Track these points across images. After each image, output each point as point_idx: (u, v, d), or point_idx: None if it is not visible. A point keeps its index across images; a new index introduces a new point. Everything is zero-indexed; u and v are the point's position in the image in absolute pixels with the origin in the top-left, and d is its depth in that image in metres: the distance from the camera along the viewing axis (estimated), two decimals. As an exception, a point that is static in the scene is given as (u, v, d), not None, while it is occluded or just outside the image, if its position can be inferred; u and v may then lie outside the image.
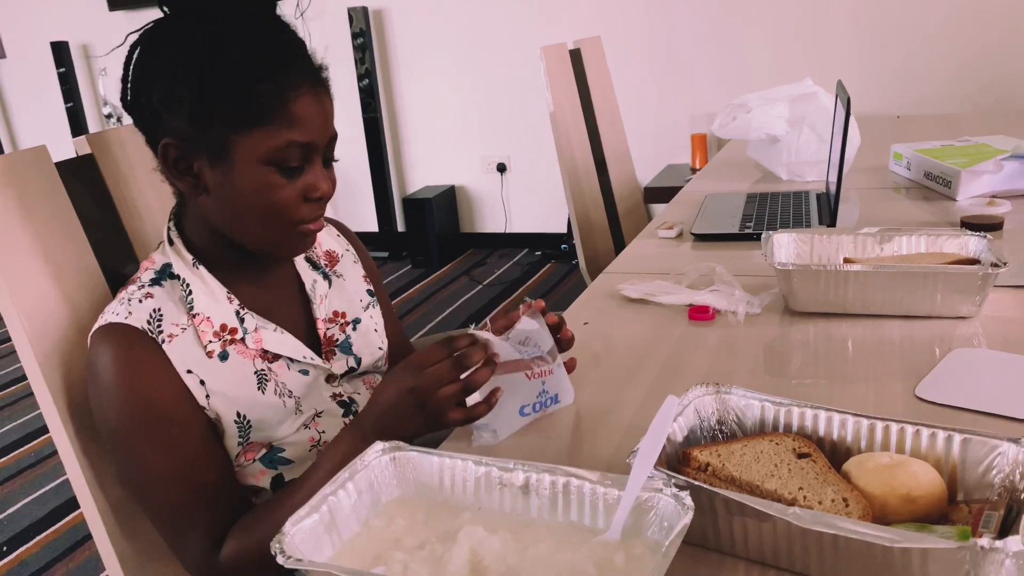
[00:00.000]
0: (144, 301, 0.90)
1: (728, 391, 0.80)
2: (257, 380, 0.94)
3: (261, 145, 0.85)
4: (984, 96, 3.28)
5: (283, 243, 0.93)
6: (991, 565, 0.57)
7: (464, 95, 4.09)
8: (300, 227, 0.91)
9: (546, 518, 0.69)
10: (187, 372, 0.90)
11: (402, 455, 0.73)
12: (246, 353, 0.94)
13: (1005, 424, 0.83)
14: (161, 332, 0.89)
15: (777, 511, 0.61)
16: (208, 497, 0.90)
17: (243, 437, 0.94)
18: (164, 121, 0.86)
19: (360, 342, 1.06)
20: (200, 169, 0.88)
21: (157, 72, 0.86)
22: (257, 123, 0.84)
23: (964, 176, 1.61)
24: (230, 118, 0.84)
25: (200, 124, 0.85)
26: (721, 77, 3.62)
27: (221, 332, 0.93)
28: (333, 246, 1.11)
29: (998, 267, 1.04)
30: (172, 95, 0.85)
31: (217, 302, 0.93)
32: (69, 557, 2.09)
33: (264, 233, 0.91)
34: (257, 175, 0.86)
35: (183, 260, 0.94)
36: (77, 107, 4.57)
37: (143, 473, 0.89)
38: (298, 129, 0.86)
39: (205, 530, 0.89)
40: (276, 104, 0.84)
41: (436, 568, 0.63)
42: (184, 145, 0.87)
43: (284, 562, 0.59)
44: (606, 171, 2.41)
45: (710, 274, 1.24)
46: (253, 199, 0.87)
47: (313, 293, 1.03)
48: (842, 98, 1.52)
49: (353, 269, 1.12)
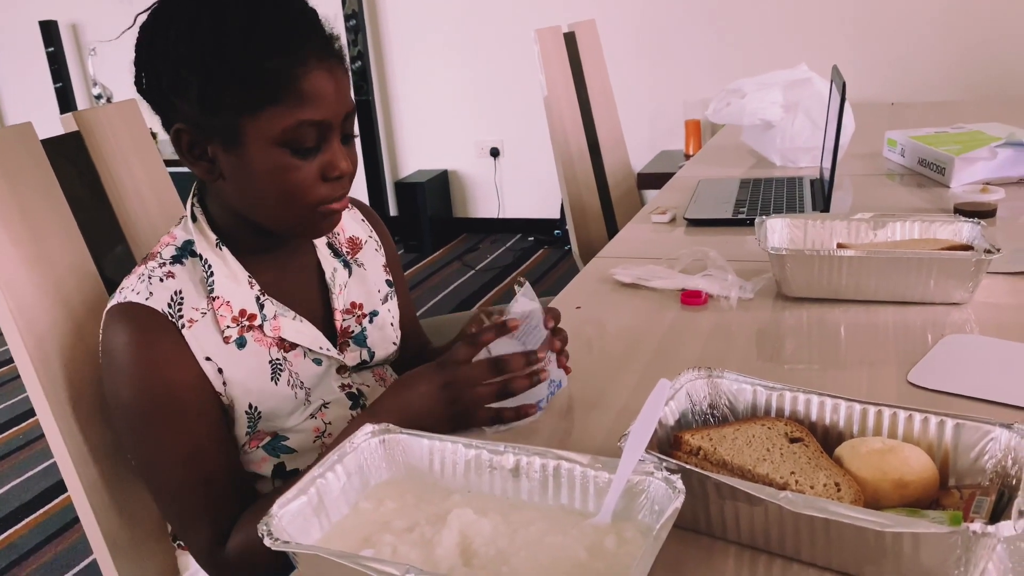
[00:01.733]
0: (165, 281, 0.88)
1: (720, 375, 0.79)
2: (271, 370, 0.92)
3: (272, 126, 0.82)
4: (978, 84, 3.27)
5: (305, 225, 0.90)
6: (982, 550, 0.57)
7: (457, 79, 4.06)
8: (321, 208, 0.87)
9: (536, 501, 0.69)
10: (206, 359, 0.88)
11: (392, 437, 0.72)
12: (263, 341, 0.92)
13: (997, 410, 0.83)
14: (182, 317, 0.87)
15: (769, 495, 0.61)
16: (217, 487, 0.89)
17: (251, 427, 0.92)
18: (175, 106, 0.84)
19: (375, 336, 1.04)
20: (214, 154, 0.85)
21: (164, 56, 0.83)
22: (266, 103, 0.81)
23: (958, 163, 1.61)
24: (238, 100, 0.81)
25: (209, 108, 0.82)
26: (716, 63, 3.60)
27: (240, 318, 0.91)
28: (357, 232, 1.08)
29: (991, 253, 1.04)
30: (179, 79, 0.82)
31: (239, 285, 0.91)
32: (58, 539, 2.08)
33: (284, 215, 0.88)
34: (271, 157, 0.83)
35: (206, 239, 0.91)
36: (66, 87, 4.52)
37: (155, 459, 0.87)
38: (310, 107, 0.82)
39: (212, 520, 0.88)
40: (284, 82, 0.81)
41: (425, 551, 0.62)
42: (196, 130, 0.84)
43: (271, 544, 0.58)
44: (600, 156, 2.40)
45: (703, 259, 1.24)
46: (269, 182, 0.85)
47: (332, 283, 1.01)
48: (837, 83, 1.51)
49: (374, 258, 1.09)
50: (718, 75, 3.53)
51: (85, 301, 1.00)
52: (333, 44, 0.86)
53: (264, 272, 0.94)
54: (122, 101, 1.14)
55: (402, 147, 4.33)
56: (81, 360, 0.98)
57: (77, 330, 0.98)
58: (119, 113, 1.13)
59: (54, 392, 0.95)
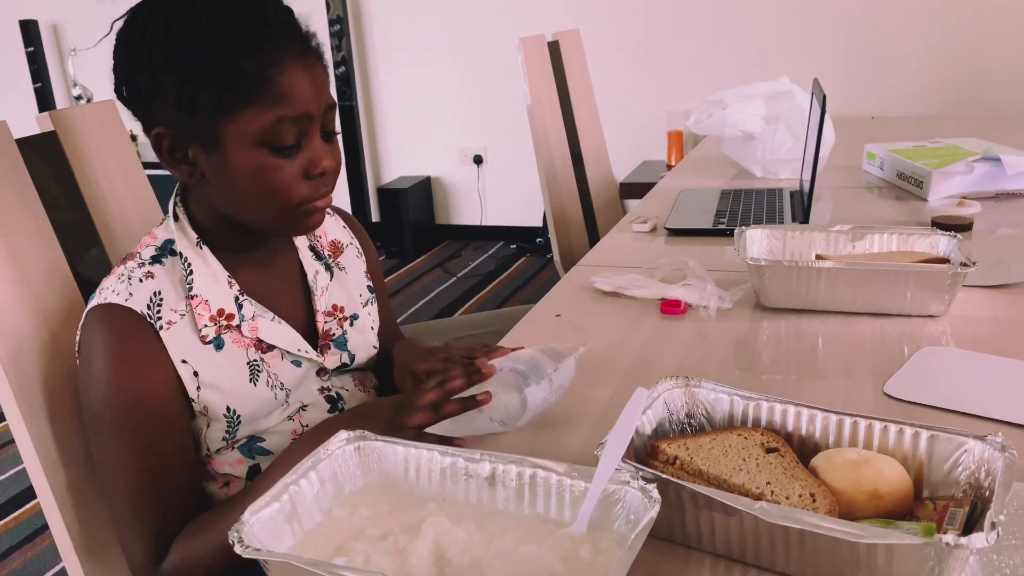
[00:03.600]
0: (144, 281, 0.87)
1: (698, 385, 0.79)
2: (250, 371, 0.91)
3: (250, 126, 0.81)
4: (956, 99, 3.31)
5: (289, 223, 0.90)
6: (955, 561, 0.57)
7: (442, 85, 4.06)
8: (305, 206, 0.87)
9: (512, 510, 0.68)
10: (182, 362, 0.87)
11: (367, 444, 0.72)
12: (240, 342, 0.91)
13: (971, 422, 0.84)
14: (160, 319, 0.86)
15: (744, 505, 0.61)
16: (166, 504, 0.87)
17: (231, 432, 0.91)
18: (154, 111, 0.84)
19: (356, 339, 1.04)
20: (195, 156, 0.85)
21: (140, 61, 0.82)
22: (243, 104, 0.81)
23: (935, 177, 1.62)
24: (214, 102, 0.81)
25: (187, 111, 0.82)
26: (698, 74, 3.63)
27: (217, 317, 0.90)
28: (339, 236, 1.08)
29: (967, 266, 1.05)
30: (156, 84, 0.82)
31: (218, 285, 0.90)
32: (27, 546, 2.05)
33: (268, 215, 0.88)
34: (251, 158, 0.83)
35: (187, 238, 0.90)
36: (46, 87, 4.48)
37: (111, 464, 0.86)
38: (287, 104, 0.82)
39: (155, 535, 0.86)
40: (259, 81, 0.81)
41: (399, 559, 0.62)
42: (176, 133, 0.84)
43: (242, 552, 0.57)
44: (582, 166, 2.40)
45: (683, 268, 1.24)
46: (250, 183, 0.84)
47: (315, 285, 1.00)
48: (818, 96, 1.52)
49: (356, 263, 1.09)
50: (700, 86, 3.55)
51: (59, 304, 0.99)
52: (309, 41, 0.86)
53: (245, 273, 0.93)
54: (100, 102, 1.13)
55: (385, 153, 4.31)
56: (53, 364, 0.97)
57: (50, 333, 0.97)
58: (96, 113, 1.11)
59: (24, 396, 0.93)
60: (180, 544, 0.86)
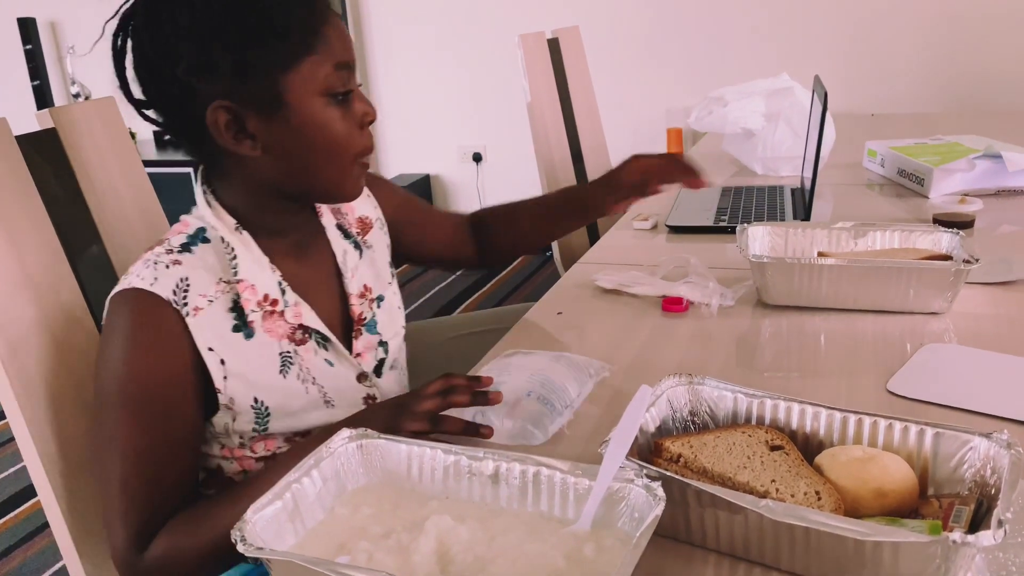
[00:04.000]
0: (171, 268, 0.86)
1: (701, 382, 0.79)
2: (280, 362, 0.90)
3: (314, 75, 0.82)
4: (957, 96, 3.31)
5: (346, 182, 0.90)
6: (962, 559, 0.57)
7: (441, 83, 4.05)
8: (361, 159, 0.89)
9: (515, 508, 0.68)
10: (208, 350, 0.86)
11: (369, 442, 0.72)
12: (273, 332, 0.90)
13: (976, 419, 0.83)
14: (187, 304, 0.85)
15: (749, 503, 0.60)
16: (160, 490, 0.85)
17: (260, 423, 0.90)
18: (199, 92, 0.81)
19: (384, 320, 1.03)
20: (255, 127, 0.83)
21: (176, 41, 0.80)
22: (302, 54, 0.82)
23: (937, 174, 1.62)
24: (273, 58, 0.81)
25: (242, 76, 0.80)
26: (698, 71, 3.62)
27: (263, 302, 0.89)
28: (366, 211, 1.07)
29: (970, 263, 1.05)
30: (203, 58, 0.80)
31: (261, 269, 0.89)
32: (28, 544, 2.04)
33: (329, 171, 0.88)
34: (316, 109, 0.84)
35: (225, 224, 0.89)
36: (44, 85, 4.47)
37: (110, 445, 0.84)
38: (338, 49, 0.84)
39: (140, 523, 0.83)
40: (313, 28, 0.82)
41: (402, 557, 0.61)
42: (233, 106, 0.82)
43: (244, 550, 0.57)
44: (582, 163, 2.40)
45: (684, 266, 1.24)
46: (317, 137, 0.85)
47: (344, 266, 0.99)
48: (819, 93, 1.52)
49: (381, 238, 1.08)
50: (700, 83, 3.54)
51: (59, 301, 0.99)
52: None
53: (281, 259, 0.92)
54: (100, 98, 1.12)
55: (384, 151, 4.31)
56: (53, 361, 0.96)
57: (50, 330, 0.97)
58: (96, 110, 1.11)
59: (25, 394, 0.93)
60: (165, 536, 0.83)
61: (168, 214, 1.19)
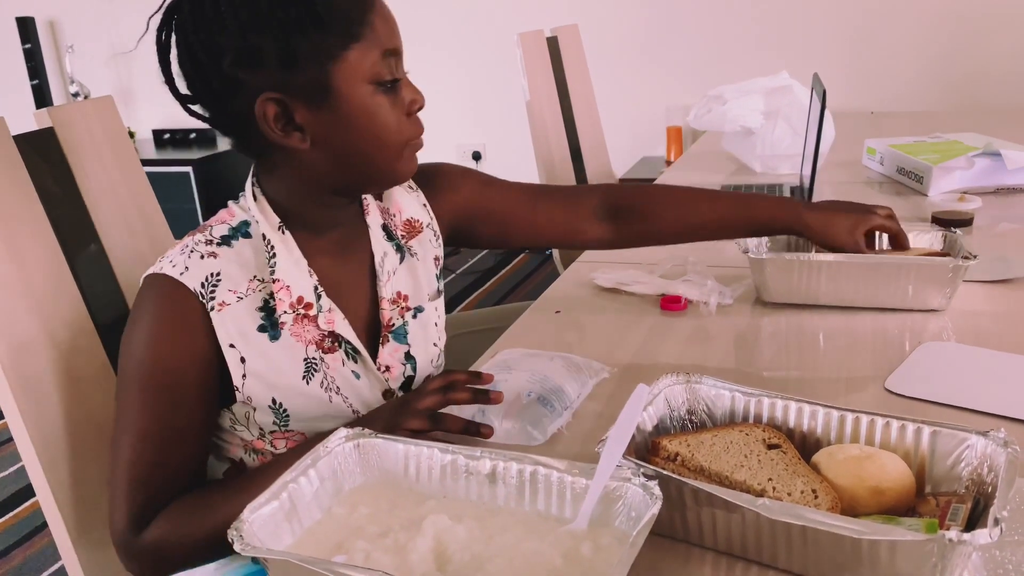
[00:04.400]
0: (206, 259, 0.85)
1: (699, 381, 0.79)
2: (305, 368, 0.89)
3: (361, 64, 0.81)
4: (956, 94, 3.31)
5: (397, 167, 0.89)
6: (958, 558, 0.57)
7: (440, 81, 4.04)
8: (411, 143, 0.88)
9: (512, 507, 0.68)
10: (230, 346, 0.85)
11: (367, 442, 0.72)
12: (302, 337, 0.89)
13: (973, 417, 0.83)
14: (213, 299, 0.84)
15: (746, 502, 0.60)
16: (166, 474, 0.85)
17: (280, 421, 0.89)
18: (246, 83, 0.80)
19: (417, 333, 0.98)
20: (303, 118, 0.83)
21: (221, 33, 0.79)
22: (349, 42, 0.81)
23: (936, 172, 1.62)
24: (320, 47, 0.80)
25: (290, 66, 0.80)
26: (698, 69, 3.62)
27: (296, 304, 0.88)
28: (417, 215, 1.03)
29: (968, 259, 1.05)
30: (250, 48, 0.79)
31: (299, 272, 0.89)
32: (27, 543, 2.05)
33: (379, 160, 0.87)
34: (364, 98, 0.83)
35: (269, 221, 0.88)
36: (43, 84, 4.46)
37: (123, 422, 0.85)
38: (385, 36, 0.83)
39: (141, 504, 0.84)
40: (360, 16, 0.81)
41: (399, 557, 0.61)
42: (281, 97, 0.81)
43: (241, 549, 0.57)
44: (582, 161, 2.40)
45: (683, 264, 1.24)
46: (366, 125, 0.84)
47: (381, 268, 0.96)
48: (818, 91, 1.52)
49: (429, 249, 1.03)
50: (700, 81, 3.54)
51: (57, 301, 0.98)
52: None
53: (320, 259, 0.91)
54: (98, 98, 1.12)
55: (384, 149, 4.30)
56: (52, 360, 0.96)
57: (48, 330, 0.97)
58: (95, 110, 1.11)
59: (22, 393, 0.93)
60: (163, 519, 0.83)
61: (166, 213, 1.19)
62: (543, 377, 0.91)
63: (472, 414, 0.87)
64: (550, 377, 0.92)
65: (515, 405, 0.87)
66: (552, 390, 0.90)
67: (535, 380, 0.91)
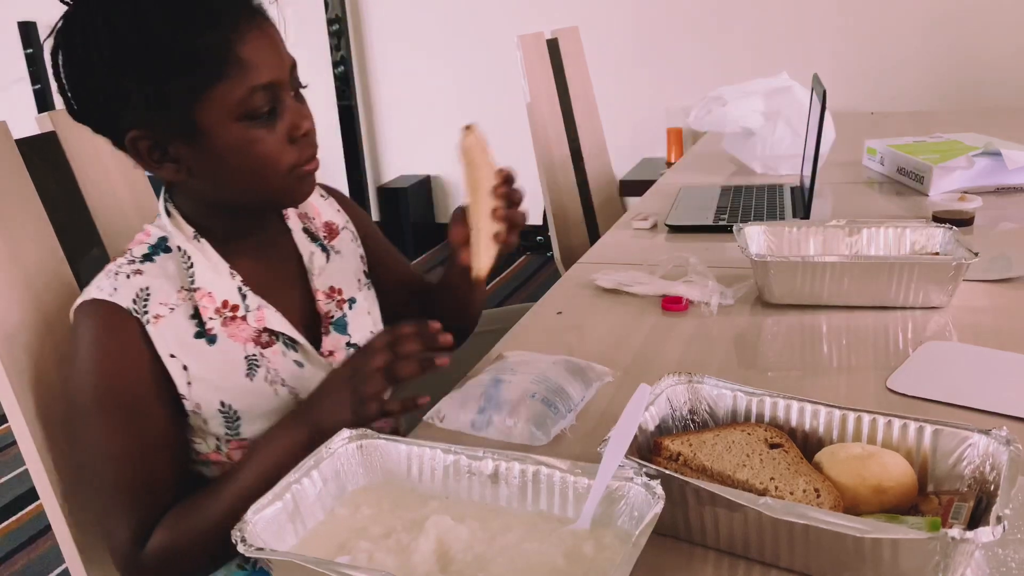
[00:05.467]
0: (132, 278, 0.87)
1: (700, 380, 0.79)
2: (247, 366, 0.90)
3: (225, 102, 0.80)
4: (956, 94, 3.31)
5: (284, 194, 0.89)
6: (961, 556, 0.57)
7: (441, 84, 4.05)
8: (296, 171, 0.86)
9: (515, 507, 0.68)
10: (170, 356, 0.86)
11: (369, 443, 0.72)
12: (237, 336, 0.90)
13: (975, 416, 0.83)
14: (147, 312, 0.86)
15: (748, 501, 0.61)
16: (152, 489, 0.86)
17: (231, 428, 0.90)
18: (120, 116, 0.82)
19: (355, 322, 1.02)
20: (176, 152, 0.83)
21: (90, 69, 0.80)
22: (212, 81, 0.79)
23: (936, 172, 1.62)
24: (184, 88, 0.79)
25: (157, 106, 0.80)
26: (698, 71, 3.62)
27: (223, 308, 0.89)
28: (333, 218, 1.07)
29: (970, 257, 1.05)
30: (116, 87, 0.80)
31: (219, 276, 0.90)
32: (30, 547, 2.05)
33: (262, 191, 0.87)
34: (233, 135, 0.81)
35: (183, 232, 0.90)
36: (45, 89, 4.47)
37: (95, 451, 0.86)
38: (255, 71, 0.80)
39: (137, 521, 0.85)
40: (222, 54, 0.78)
41: (402, 557, 0.62)
42: (151, 134, 0.82)
43: (245, 551, 0.57)
44: (582, 163, 2.40)
45: (684, 265, 1.24)
46: (239, 161, 0.83)
47: (311, 265, 0.99)
48: (818, 91, 1.52)
49: (351, 247, 1.07)
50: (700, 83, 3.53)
51: (60, 306, 0.98)
52: (253, 2, 0.83)
53: (244, 262, 0.92)
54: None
55: (385, 152, 4.31)
56: (53, 365, 0.96)
57: (51, 335, 0.97)
58: (96, 114, 1.11)
59: (25, 397, 0.93)
60: (162, 529, 0.84)
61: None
62: (547, 379, 0.92)
63: (476, 412, 0.88)
64: (554, 379, 0.92)
65: (519, 405, 0.87)
66: (556, 392, 0.90)
67: (539, 381, 0.91)
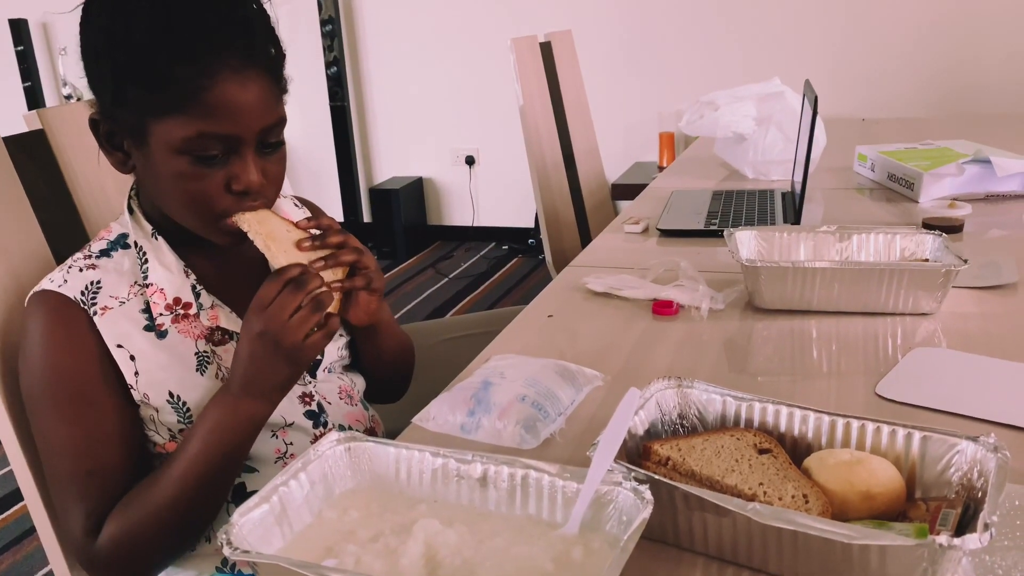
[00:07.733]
0: (85, 271, 0.88)
1: (690, 385, 0.79)
2: (198, 361, 0.90)
3: (173, 133, 0.79)
4: (947, 101, 3.33)
5: (210, 233, 0.87)
6: (948, 563, 0.57)
7: (434, 86, 4.06)
8: (224, 221, 0.84)
9: (504, 511, 0.68)
10: (117, 347, 0.86)
11: (357, 445, 0.71)
12: (189, 332, 0.90)
13: (963, 423, 0.84)
14: (95, 304, 0.86)
15: (737, 506, 0.60)
16: (104, 479, 0.86)
17: (183, 419, 0.90)
18: (96, 92, 0.84)
19: None
20: (128, 147, 0.85)
21: (87, 45, 0.83)
22: (170, 110, 0.79)
23: (926, 179, 1.63)
24: (143, 102, 0.80)
25: (119, 104, 0.81)
26: (690, 75, 3.63)
27: (174, 306, 0.90)
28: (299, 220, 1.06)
29: (959, 264, 1.05)
30: (97, 71, 0.82)
31: (172, 275, 0.90)
32: (15, 548, 2.03)
33: (188, 220, 0.87)
34: (172, 163, 0.81)
35: (142, 230, 0.91)
36: (35, 86, 4.45)
37: (46, 442, 0.86)
38: (215, 120, 0.79)
39: (90, 510, 0.85)
40: (189, 91, 0.77)
41: (390, 561, 0.61)
42: (110, 122, 0.84)
43: (230, 554, 0.57)
44: (574, 167, 2.40)
45: (675, 269, 1.24)
46: (172, 186, 0.83)
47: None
48: (809, 97, 1.52)
49: None
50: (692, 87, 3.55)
51: (46, 303, 0.98)
52: (258, 51, 0.81)
53: (202, 262, 0.93)
54: (88, 99, 1.12)
55: (377, 154, 4.31)
56: (40, 364, 0.96)
57: (37, 333, 0.96)
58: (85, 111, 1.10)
59: (11, 398, 0.92)
60: (113, 518, 0.85)
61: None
62: (538, 383, 0.92)
63: (466, 415, 0.87)
64: (544, 383, 0.92)
65: (509, 408, 0.87)
66: (546, 396, 0.90)
67: (529, 385, 0.91)
